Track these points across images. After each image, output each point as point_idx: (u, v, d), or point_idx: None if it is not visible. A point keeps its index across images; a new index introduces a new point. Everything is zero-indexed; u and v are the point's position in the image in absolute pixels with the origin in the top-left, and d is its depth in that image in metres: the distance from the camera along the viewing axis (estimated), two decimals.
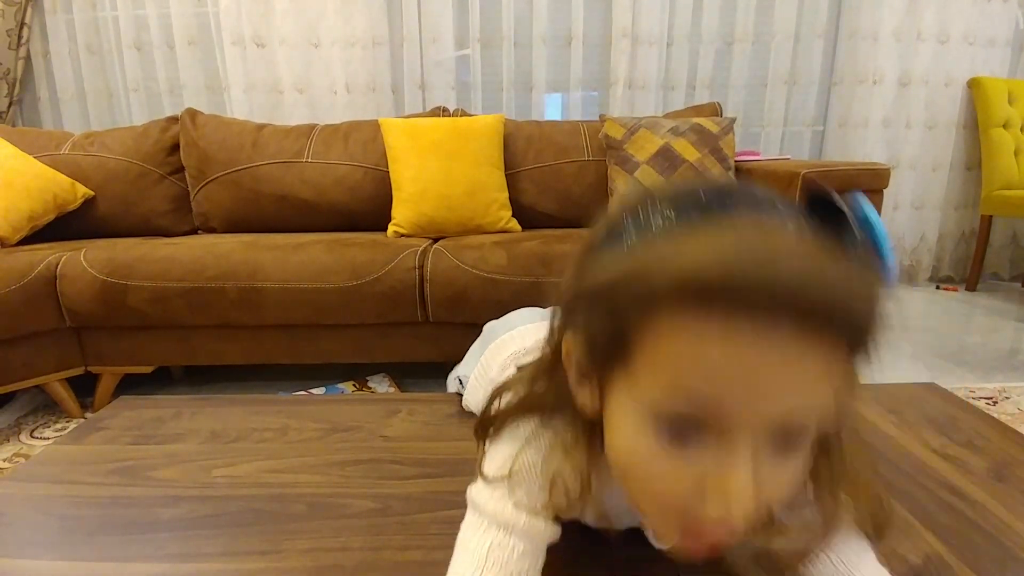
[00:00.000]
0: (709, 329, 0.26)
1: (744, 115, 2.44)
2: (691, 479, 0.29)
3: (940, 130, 2.59)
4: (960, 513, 0.53)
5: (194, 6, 2.36)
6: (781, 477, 0.29)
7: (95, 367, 1.53)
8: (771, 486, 0.29)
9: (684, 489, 0.29)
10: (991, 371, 1.72)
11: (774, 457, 0.28)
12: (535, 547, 0.39)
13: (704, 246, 0.27)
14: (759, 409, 0.27)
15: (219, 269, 1.43)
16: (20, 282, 1.38)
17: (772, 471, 0.28)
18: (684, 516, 0.30)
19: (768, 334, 0.26)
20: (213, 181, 1.88)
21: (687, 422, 0.28)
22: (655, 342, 0.28)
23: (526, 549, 0.38)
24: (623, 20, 2.38)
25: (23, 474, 0.63)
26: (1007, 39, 2.55)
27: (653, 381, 0.29)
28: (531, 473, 0.38)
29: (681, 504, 0.29)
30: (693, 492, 0.29)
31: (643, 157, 1.71)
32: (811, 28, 2.47)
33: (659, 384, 0.29)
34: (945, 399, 0.77)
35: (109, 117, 2.48)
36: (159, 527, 0.53)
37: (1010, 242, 2.78)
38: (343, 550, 0.50)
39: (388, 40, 2.40)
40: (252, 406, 0.79)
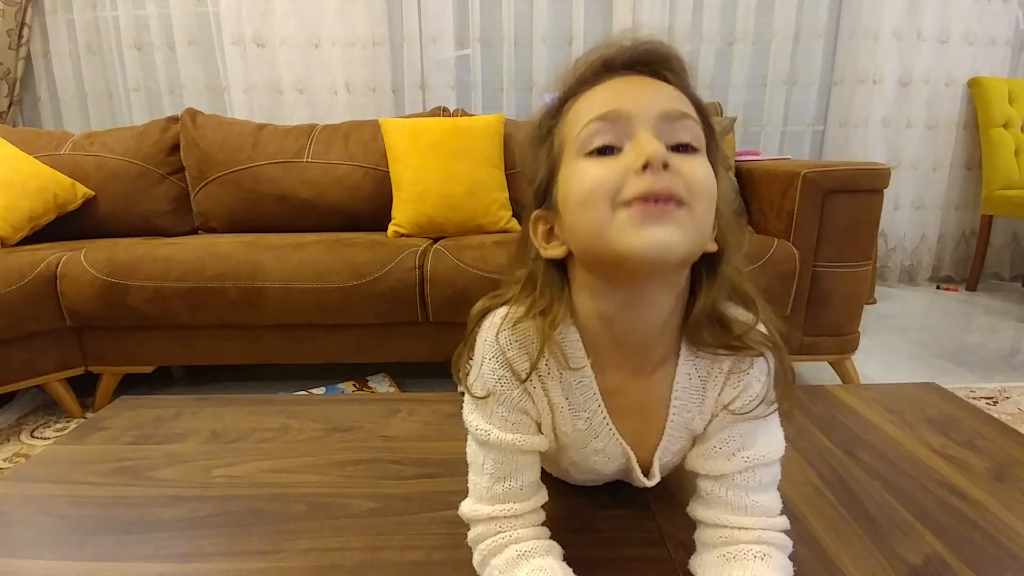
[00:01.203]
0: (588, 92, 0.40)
1: (744, 115, 2.44)
2: (619, 169, 0.37)
3: (940, 130, 2.59)
4: (960, 513, 0.53)
5: (194, 6, 2.36)
6: (688, 163, 0.38)
7: (95, 367, 1.53)
8: (681, 163, 0.37)
9: (617, 175, 0.37)
10: (991, 371, 1.72)
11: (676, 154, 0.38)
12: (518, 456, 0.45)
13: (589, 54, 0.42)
14: (643, 105, 0.38)
15: (219, 269, 1.43)
16: (20, 282, 1.38)
17: (676, 156, 0.37)
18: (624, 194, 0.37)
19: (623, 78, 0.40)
20: (213, 181, 1.88)
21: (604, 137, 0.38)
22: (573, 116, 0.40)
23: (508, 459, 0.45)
24: (623, 20, 2.38)
25: (23, 474, 0.63)
26: (1007, 39, 2.55)
27: (576, 135, 0.39)
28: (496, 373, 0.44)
29: (619, 186, 0.37)
30: (624, 174, 0.37)
31: None
32: (811, 28, 2.47)
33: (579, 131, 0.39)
34: (945, 399, 0.77)
35: (109, 117, 2.48)
36: (159, 527, 0.53)
37: (1010, 242, 2.78)
38: (343, 550, 0.50)
39: (388, 40, 2.40)
40: (252, 406, 0.79)
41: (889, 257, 2.70)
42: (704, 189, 0.38)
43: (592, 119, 0.39)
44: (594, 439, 0.47)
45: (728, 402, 0.44)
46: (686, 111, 0.39)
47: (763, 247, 1.46)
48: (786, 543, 0.43)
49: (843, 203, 1.43)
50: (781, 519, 0.44)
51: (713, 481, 0.45)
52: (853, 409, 0.74)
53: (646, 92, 0.39)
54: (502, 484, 0.44)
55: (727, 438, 0.44)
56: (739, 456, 0.44)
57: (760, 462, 0.44)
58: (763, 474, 0.44)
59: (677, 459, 0.50)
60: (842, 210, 1.44)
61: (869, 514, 0.53)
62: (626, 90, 0.39)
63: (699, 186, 0.37)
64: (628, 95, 0.39)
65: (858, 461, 0.62)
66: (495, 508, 0.44)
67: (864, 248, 1.48)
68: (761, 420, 0.44)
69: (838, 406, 0.75)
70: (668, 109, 0.38)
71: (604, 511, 0.55)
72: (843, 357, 1.56)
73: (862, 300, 1.54)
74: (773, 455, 0.44)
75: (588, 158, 0.39)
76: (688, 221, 0.37)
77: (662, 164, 0.36)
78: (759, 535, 0.42)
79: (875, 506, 0.54)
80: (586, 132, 0.39)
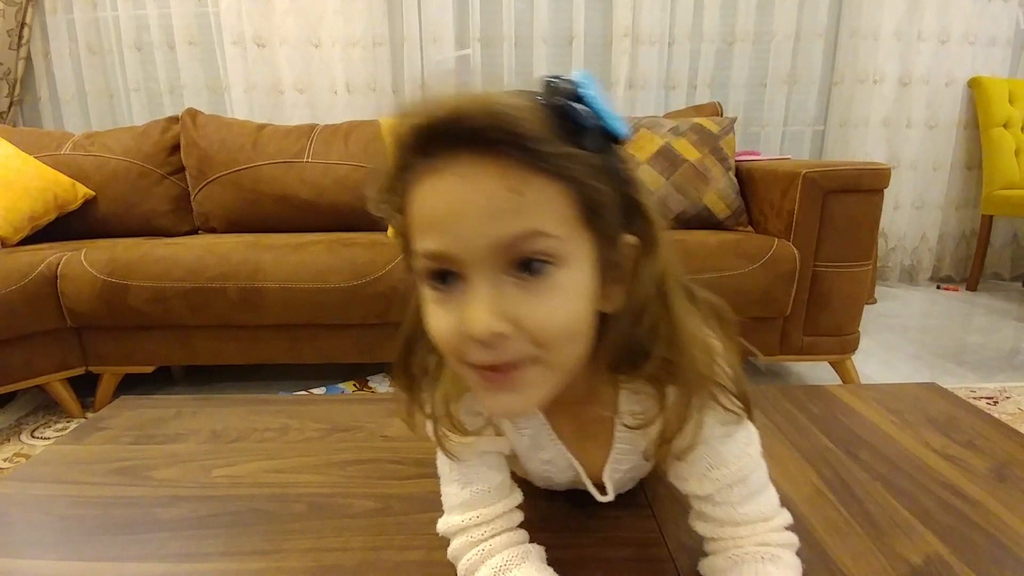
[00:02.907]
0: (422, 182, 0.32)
1: (744, 115, 2.44)
2: (456, 321, 0.33)
3: (941, 130, 2.59)
4: (961, 513, 0.53)
5: (195, 6, 2.36)
6: (536, 304, 0.32)
7: (96, 367, 1.53)
8: (525, 311, 0.32)
9: (457, 336, 0.33)
10: (992, 371, 1.71)
11: (520, 284, 0.32)
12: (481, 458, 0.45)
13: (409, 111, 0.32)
14: (471, 243, 0.31)
15: (219, 269, 1.43)
16: (21, 282, 1.38)
17: (521, 298, 0.32)
18: (466, 356, 0.33)
19: (454, 169, 0.31)
20: (213, 181, 1.88)
21: (437, 269, 0.33)
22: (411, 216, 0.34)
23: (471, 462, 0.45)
24: (624, 20, 2.38)
25: (24, 474, 0.63)
26: (1008, 39, 2.55)
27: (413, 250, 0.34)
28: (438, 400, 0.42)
29: (460, 347, 0.33)
30: (461, 332, 0.32)
31: (643, 157, 1.71)
32: (811, 28, 2.47)
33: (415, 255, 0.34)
34: (946, 399, 0.77)
35: (110, 117, 2.48)
36: (160, 527, 0.53)
37: (1011, 242, 2.78)
38: (343, 550, 0.50)
39: (388, 40, 2.40)
40: (252, 406, 0.79)
41: (889, 257, 2.70)
42: (555, 333, 0.33)
43: (421, 252, 0.33)
44: (540, 451, 0.46)
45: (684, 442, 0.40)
46: (525, 228, 0.31)
47: (763, 247, 1.46)
48: (792, 540, 0.42)
49: (843, 203, 1.43)
50: (780, 518, 0.43)
51: (698, 499, 0.43)
52: (853, 409, 0.74)
53: (469, 212, 0.31)
54: (469, 488, 0.44)
55: (694, 459, 0.41)
56: (711, 476, 0.41)
57: (733, 479, 0.41)
58: (741, 489, 0.41)
59: (631, 476, 0.50)
60: (842, 210, 1.44)
61: (869, 514, 0.53)
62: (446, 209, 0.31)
63: (548, 333, 0.33)
64: (448, 222, 0.31)
65: (858, 461, 0.62)
66: (466, 517, 0.44)
67: (864, 248, 1.48)
68: (722, 438, 0.41)
69: (838, 406, 0.75)
70: (499, 237, 0.31)
71: (604, 511, 0.55)
72: (843, 357, 1.56)
73: (862, 300, 1.54)
74: (746, 469, 0.41)
75: (430, 288, 0.34)
76: (538, 375, 0.34)
77: (492, 340, 0.32)
78: (762, 539, 0.42)
79: (875, 506, 0.54)
80: (419, 264, 0.34)
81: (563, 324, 0.33)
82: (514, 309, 0.32)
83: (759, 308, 1.47)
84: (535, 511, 0.55)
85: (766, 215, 1.61)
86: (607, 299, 0.36)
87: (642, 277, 0.36)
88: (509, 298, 0.32)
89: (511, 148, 0.30)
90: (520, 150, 0.30)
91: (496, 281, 0.32)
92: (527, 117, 0.30)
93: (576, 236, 0.33)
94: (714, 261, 1.44)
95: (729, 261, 1.44)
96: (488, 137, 0.30)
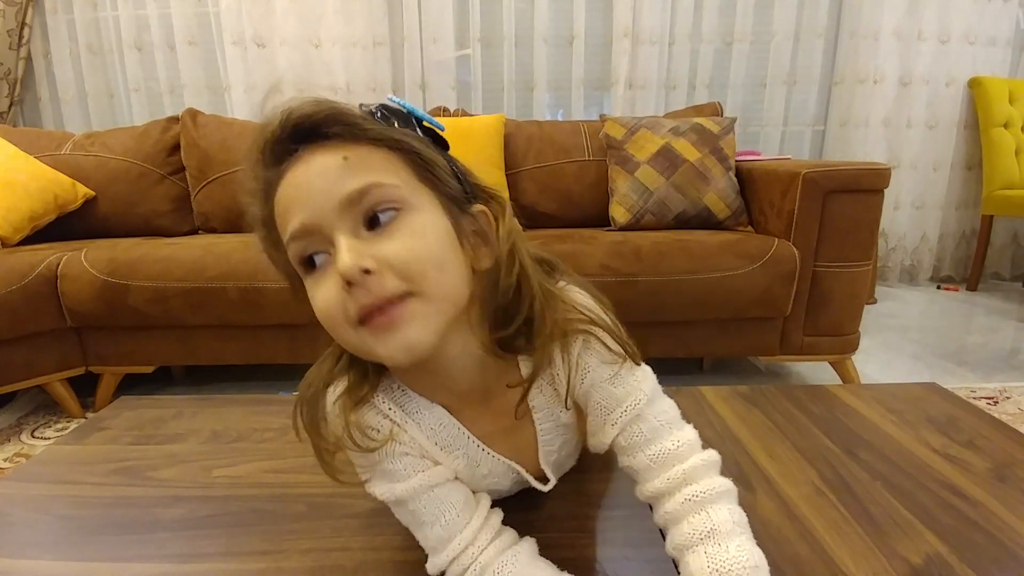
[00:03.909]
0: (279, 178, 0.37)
1: (744, 115, 2.44)
2: (335, 288, 0.36)
3: (941, 130, 2.59)
4: (961, 513, 0.53)
5: (195, 6, 2.36)
6: (391, 241, 0.36)
7: (96, 367, 1.53)
8: (384, 248, 0.36)
9: (336, 299, 0.36)
10: (992, 371, 1.71)
11: (377, 233, 0.36)
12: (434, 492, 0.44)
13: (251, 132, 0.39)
14: (320, 206, 0.36)
15: (220, 269, 1.43)
16: (21, 282, 1.38)
17: (378, 240, 0.36)
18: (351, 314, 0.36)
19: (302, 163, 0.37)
20: (214, 181, 1.88)
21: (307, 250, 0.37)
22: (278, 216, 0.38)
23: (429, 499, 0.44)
24: (624, 20, 2.38)
25: (24, 474, 0.63)
26: (1008, 39, 2.55)
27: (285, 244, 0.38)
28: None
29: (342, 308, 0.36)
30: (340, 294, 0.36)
31: (643, 157, 1.71)
32: (811, 28, 2.47)
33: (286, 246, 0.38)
34: (946, 399, 0.77)
35: (110, 117, 2.48)
36: (160, 527, 0.53)
37: (1011, 242, 2.78)
38: (343, 550, 0.50)
39: (388, 40, 2.40)
40: (252, 406, 0.79)
41: (889, 257, 2.70)
42: (417, 261, 0.36)
43: (288, 239, 0.37)
44: (477, 467, 0.46)
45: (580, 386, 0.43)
46: (362, 183, 0.36)
47: (763, 247, 1.46)
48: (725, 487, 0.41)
49: (843, 203, 1.43)
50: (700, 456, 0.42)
51: (624, 456, 0.44)
52: (854, 409, 0.74)
53: (316, 185, 0.36)
54: (440, 523, 0.43)
55: (594, 408, 0.44)
56: (610, 420, 0.43)
57: (630, 417, 0.43)
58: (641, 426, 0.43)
59: (566, 454, 0.51)
60: (842, 210, 1.44)
61: (870, 514, 0.53)
62: (299, 191, 0.36)
63: (410, 263, 0.36)
64: (302, 199, 0.36)
65: (859, 461, 0.62)
66: (451, 548, 0.43)
67: (864, 248, 1.48)
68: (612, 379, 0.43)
69: (839, 406, 0.75)
70: (343, 195, 0.36)
71: (604, 511, 0.55)
72: (843, 357, 1.57)
73: (862, 300, 1.54)
74: (640, 405, 0.43)
75: (306, 273, 0.38)
76: (423, 307, 0.36)
77: (361, 275, 0.34)
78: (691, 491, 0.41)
79: (876, 506, 0.54)
80: (292, 250, 0.38)
81: (421, 253, 0.37)
82: (375, 248, 0.36)
83: (759, 308, 1.47)
84: (535, 511, 0.55)
85: (766, 215, 1.61)
86: (478, 260, 0.41)
87: (498, 238, 0.41)
88: (369, 243, 0.36)
89: (339, 129, 0.36)
90: (345, 128, 0.37)
91: (355, 234, 0.36)
92: (350, 108, 0.37)
93: (414, 187, 0.38)
94: (714, 261, 1.44)
95: (729, 261, 1.44)
96: (320, 130, 0.36)
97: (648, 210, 1.69)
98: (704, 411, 0.74)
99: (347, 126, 0.37)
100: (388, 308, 0.35)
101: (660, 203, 1.68)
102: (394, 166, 0.38)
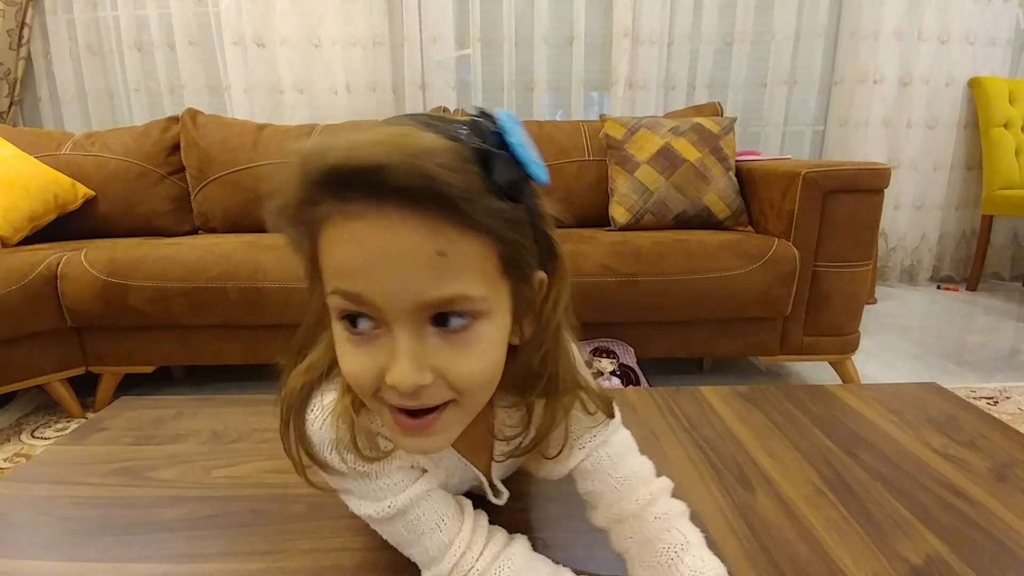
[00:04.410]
0: (337, 223, 0.31)
1: (744, 115, 2.44)
2: (375, 366, 0.33)
3: (941, 130, 2.59)
4: (961, 513, 0.53)
5: (195, 6, 2.36)
6: (458, 356, 0.33)
7: (96, 367, 1.53)
8: (447, 363, 0.33)
9: (372, 376, 0.33)
10: (992, 371, 1.71)
11: (442, 336, 0.33)
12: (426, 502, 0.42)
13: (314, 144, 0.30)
14: (393, 295, 0.31)
15: (220, 269, 1.43)
16: (21, 282, 1.38)
17: (443, 348, 0.33)
18: (382, 396, 0.34)
19: (377, 219, 0.30)
20: (214, 181, 1.88)
21: (355, 315, 0.33)
22: (324, 253, 0.33)
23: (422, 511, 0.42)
24: (624, 20, 2.38)
25: (24, 474, 0.63)
26: (1008, 39, 2.55)
27: (328, 287, 0.33)
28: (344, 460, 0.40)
29: (376, 385, 0.33)
30: (378, 374, 0.33)
31: (644, 157, 1.71)
32: (811, 28, 2.47)
33: (330, 292, 0.33)
34: (946, 399, 0.77)
35: (110, 117, 2.48)
36: (160, 527, 0.53)
37: (1011, 242, 2.78)
38: (343, 550, 0.50)
39: (388, 40, 2.40)
40: (252, 406, 0.79)
41: (889, 257, 2.70)
42: (476, 382, 0.34)
43: (334, 291, 0.32)
44: (452, 477, 0.46)
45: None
46: (451, 293, 0.31)
47: (763, 247, 1.46)
48: (683, 508, 0.44)
49: (843, 203, 1.43)
50: (661, 481, 0.45)
51: (588, 480, 0.45)
52: (853, 409, 0.74)
53: (392, 268, 0.30)
54: (441, 528, 0.42)
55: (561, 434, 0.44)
56: (584, 440, 0.44)
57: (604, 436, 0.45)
58: (607, 450, 0.45)
59: (512, 467, 0.51)
60: (842, 210, 1.44)
61: (870, 514, 0.53)
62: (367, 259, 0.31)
63: (469, 383, 0.34)
64: (368, 273, 0.31)
65: (859, 461, 0.62)
66: (450, 556, 0.42)
67: (864, 248, 1.48)
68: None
69: (838, 406, 0.75)
70: (424, 300, 0.31)
71: None
72: (843, 357, 1.57)
73: (862, 300, 1.54)
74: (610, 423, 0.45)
75: (344, 326, 0.34)
76: (454, 416, 0.35)
77: (415, 390, 0.32)
78: (656, 510, 0.43)
79: (876, 506, 0.54)
80: (334, 301, 0.33)
81: (483, 373, 0.34)
82: (437, 360, 0.32)
83: (759, 308, 1.47)
84: (534, 511, 0.55)
85: (766, 215, 1.61)
86: (518, 334, 0.38)
87: (549, 308, 0.38)
88: (431, 350, 0.32)
89: (438, 206, 0.29)
90: (448, 209, 0.30)
91: (419, 333, 0.32)
92: (455, 173, 0.29)
93: (497, 288, 0.34)
94: (714, 261, 1.44)
95: (729, 261, 1.44)
96: (414, 194, 0.29)
97: (648, 210, 1.69)
98: (704, 411, 0.74)
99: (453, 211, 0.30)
100: (425, 414, 0.34)
101: (660, 203, 1.68)
102: (486, 265, 0.33)
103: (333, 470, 0.40)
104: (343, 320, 0.33)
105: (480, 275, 0.32)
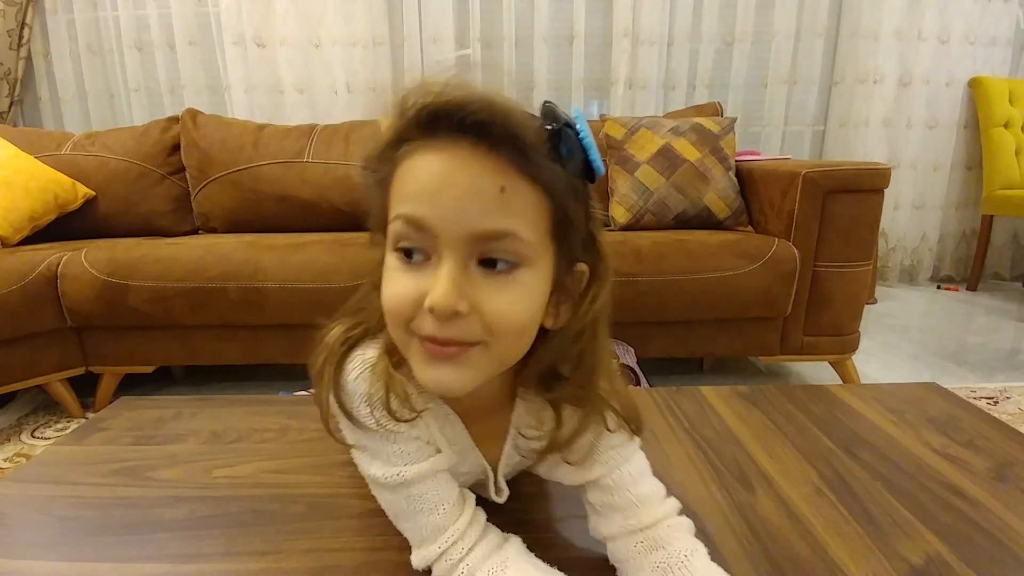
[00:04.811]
0: (416, 156, 0.34)
1: (744, 115, 2.44)
2: (416, 293, 0.35)
3: (941, 130, 2.59)
4: (961, 513, 0.53)
5: (195, 6, 2.36)
6: (496, 294, 0.35)
7: (96, 367, 1.53)
8: (485, 297, 0.34)
9: (411, 302, 0.35)
10: (992, 371, 1.71)
11: (485, 275, 0.35)
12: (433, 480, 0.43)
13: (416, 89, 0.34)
14: (452, 222, 0.33)
15: (220, 269, 1.43)
16: (21, 282, 1.38)
17: (484, 284, 0.35)
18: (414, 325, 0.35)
19: (452, 152, 0.33)
20: (214, 181, 1.88)
21: (410, 240, 0.35)
22: (400, 180, 0.36)
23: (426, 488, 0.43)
24: (624, 20, 2.38)
25: (24, 474, 0.63)
26: (1008, 39, 2.55)
27: (392, 214, 0.36)
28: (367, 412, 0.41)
29: (412, 314, 0.35)
30: (417, 302, 0.34)
31: (644, 157, 1.71)
32: (811, 28, 2.47)
33: (392, 218, 0.36)
34: (946, 399, 0.77)
35: (110, 117, 2.48)
36: (160, 528, 0.53)
37: (1011, 242, 2.78)
38: (344, 550, 0.50)
39: (388, 40, 2.40)
40: (252, 406, 0.79)
41: (889, 257, 2.70)
42: (508, 324, 0.35)
43: (397, 217, 0.35)
44: (461, 464, 0.46)
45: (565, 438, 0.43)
46: (504, 227, 0.34)
47: (763, 247, 1.46)
48: (691, 524, 0.45)
49: (843, 203, 1.43)
50: (673, 500, 0.46)
51: (595, 491, 0.45)
52: (853, 409, 0.74)
53: (458, 197, 0.33)
54: (439, 511, 0.42)
55: (583, 445, 0.44)
56: (606, 456, 0.44)
57: (621, 459, 0.44)
58: (629, 468, 0.45)
59: (519, 468, 0.51)
60: (842, 210, 1.44)
61: (870, 514, 0.53)
62: (436, 186, 0.34)
63: (501, 323, 0.35)
64: (435, 198, 0.34)
65: (859, 461, 0.62)
66: (441, 541, 0.42)
67: (864, 248, 1.48)
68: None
69: (838, 406, 0.75)
70: (480, 229, 0.33)
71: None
72: (843, 357, 1.57)
73: (862, 300, 1.54)
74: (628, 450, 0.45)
75: (397, 256, 0.36)
76: (481, 358, 0.36)
77: (451, 314, 0.34)
78: (667, 523, 0.44)
79: (876, 506, 0.54)
80: (395, 227, 0.36)
81: (517, 318, 0.36)
82: (477, 293, 0.34)
83: (759, 308, 1.47)
84: (534, 511, 0.55)
85: (766, 215, 1.61)
86: (553, 316, 0.39)
87: (586, 304, 0.39)
88: (474, 283, 0.34)
89: (509, 148, 0.33)
90: (516, 152, 0.33)
91: (465, 265, 0.34)
92: (529, 125, 0.33)
93: (544, 245, 0.36)
94: (714, 261, 1.45)
95: (729, 261, 1.44)
96: (490, 132, 0.32)
97: (648, 210, 1.69)
98: (704, 411, 0.74)
99: (520, 155, 0.33)
100: (450, 346, 0.35)
101: (660, 203, 1.68)
102: (540, 216, 0.35)
103: (358, 422, 0.41)
104: (397, 251, 0.36)
105: (532, 224, 0.35)
